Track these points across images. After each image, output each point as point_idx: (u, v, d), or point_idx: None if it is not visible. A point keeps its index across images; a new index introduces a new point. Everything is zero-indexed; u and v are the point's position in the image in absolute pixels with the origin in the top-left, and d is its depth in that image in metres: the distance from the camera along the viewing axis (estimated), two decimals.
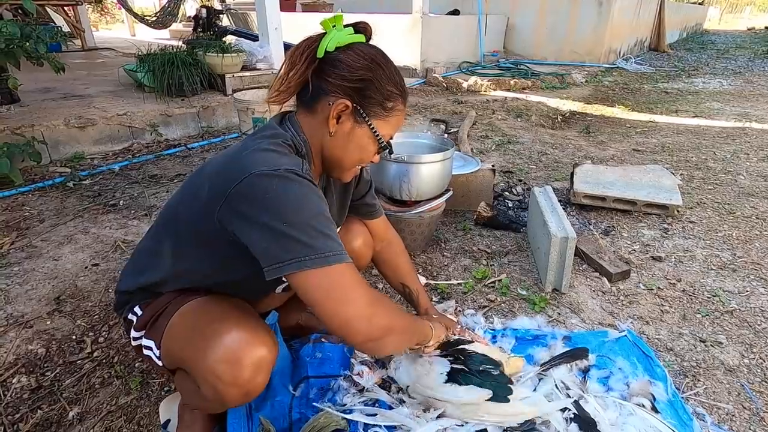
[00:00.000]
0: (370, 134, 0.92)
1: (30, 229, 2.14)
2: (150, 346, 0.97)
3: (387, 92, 0.90)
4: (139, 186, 2.66)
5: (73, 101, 3.58)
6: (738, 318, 1.58)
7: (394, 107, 0.92)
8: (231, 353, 0.83)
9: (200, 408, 1.04)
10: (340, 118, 0.90)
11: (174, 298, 0.96)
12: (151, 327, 0.97)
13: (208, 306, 0.92)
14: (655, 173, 2.54)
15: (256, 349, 0.85)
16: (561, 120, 4.46)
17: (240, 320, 0.88)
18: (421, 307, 1.30)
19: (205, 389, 0.87)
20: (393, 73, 0.91)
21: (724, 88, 6.07)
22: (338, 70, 0.87)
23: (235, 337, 0.84)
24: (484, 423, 1.02)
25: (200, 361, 0.85)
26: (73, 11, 6.92)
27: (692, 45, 11.81)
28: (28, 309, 1.60)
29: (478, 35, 6.77)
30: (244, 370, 0.83)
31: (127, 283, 1.01)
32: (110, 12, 14.64)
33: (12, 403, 1.24)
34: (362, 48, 0.89)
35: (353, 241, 1.23)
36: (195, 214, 0.88)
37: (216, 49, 4.01)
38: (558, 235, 1.62)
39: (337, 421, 1.01)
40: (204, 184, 0.87)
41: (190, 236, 0.92)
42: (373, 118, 0.91)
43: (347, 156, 0.94)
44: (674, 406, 1.15)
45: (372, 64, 0.88)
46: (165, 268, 0.96)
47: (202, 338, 0.86)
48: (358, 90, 0.88)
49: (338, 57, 0.87)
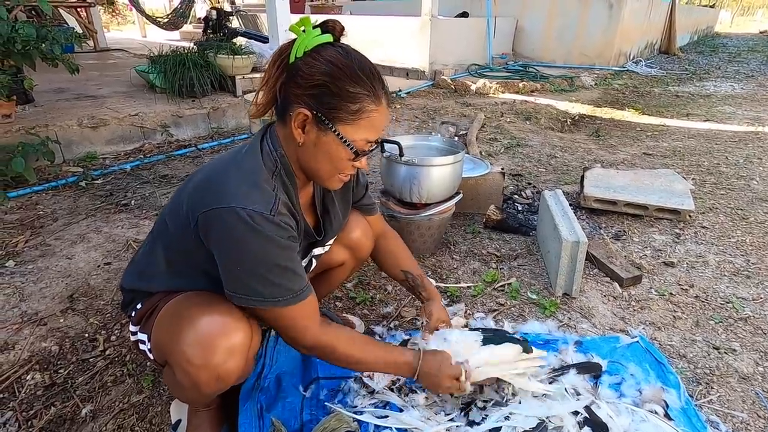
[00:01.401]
0: (338, 141, 0.87)
1: (44, 228, 2.17)
2: (144, 340, 0.99)
3: (349, 95, 0.84)
4: (150, 186, 2.68)
5: (85, 101, 3.62)
6: (752, 325, 1.56)
7: (361, 109, 0.86)
8: (202, 337, 0.85)
9: (184, 400, 1.05)
10: (305, 127, 0.87)
11: (168, 293, 0.97)
12: (145, 322, 0.98)
13: (192, 298, 0.93)
14: (666, 178, 2.52)
15: (229, 333, 0.86)
16: (570, 123, 4.44)
17: (218, 308, 0.88)
18: (426, 291, 1.29)
19: (179, 375, 0.88)
20: (356, 72, 0.85)
21: (735, 91, 6.00)
22: (297, 79, 0.85)
23: (210, 321, 0.86)
24: (516, 380, 1.10)
25: (175, 346, 0.86)
26: (86, 12, 7.01)
27: (703, 48, 11.69)
28: (42, 306, 1.62)
29: (486, 38, 6.75)
30: (215, 354, 0.85)
31: (129, 282, 1.03)
32: (121, 13, 14.81)
33: (26, 400, 1.25)
34: (323, 52, 0.85)
35: (352, 232, 1.24)
36: (177, 227, 0.91)
37: (227, 51, 4.04)
38: (569, 239, 1.61)
39: (348, 422, 1.02)
40: (183, 201, 0.90)
41: (176, 246, 0.94)
42: (338, 124, 0.86)
43: (320, 166, 0.91)
44: (687, 413, 1.14)
45: (329, 67, 0.83)
46: (161, 273, 0.97)
47: (178, 325, 0.87)
48: (314, 97, 0.84)
49: (298, 65, 0.85)
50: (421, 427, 1.03)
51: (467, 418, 1.07)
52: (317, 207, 1.08)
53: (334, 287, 1.43)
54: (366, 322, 1.56)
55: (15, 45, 2.34)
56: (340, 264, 1.29)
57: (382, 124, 0.91)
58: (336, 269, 1.31)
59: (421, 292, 1.30)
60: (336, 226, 1.14)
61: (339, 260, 1.28)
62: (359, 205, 1.26)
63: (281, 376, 1.18)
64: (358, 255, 1.28)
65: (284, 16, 4.33)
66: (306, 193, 1.04)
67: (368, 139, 0.90)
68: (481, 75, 6.13)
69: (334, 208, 1.11)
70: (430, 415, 1.07)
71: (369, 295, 1.70)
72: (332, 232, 1.13)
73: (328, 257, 1.24)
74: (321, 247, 1.13)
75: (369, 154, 0.93)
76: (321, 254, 1.16)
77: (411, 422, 1.04)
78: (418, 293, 1.31)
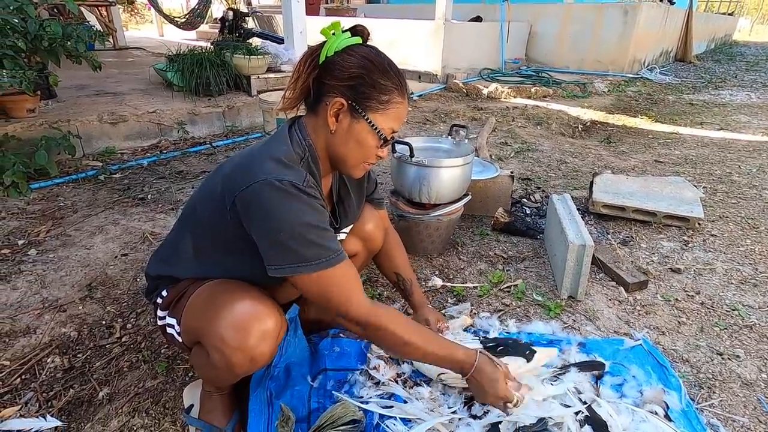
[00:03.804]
0: (369, 128, 0.96)
1: (64, 219, 2.25)
2: (173, 324, 1.04)
3: (381, 86, 0.93)
4: (166, 181, 2.75)
5: (106, 98, 3.72)
6: (757, 333, 1.56)
7: (390, 100, 0.95)
8: (239, 320, 0.90)
9: (211, 381, 1.10)
10: (339, 116, 0.95)
11: (195, 280, 1.03)
12: (174, 306, 1.04)
13: (224, 285, 0.99)
14: (676, 185, 2.52)
15: (263, 319, 0.91)
16: (581, 129, 4.44)
17: (251, 294, 0.94)
18: (413, 298, 1.37)
19: (213, 355, 0.93)
20: (387, 68, 0.95)
21: (752, 100, 5.93)
22: (333, 72, 0.93)
23: (245, 306, 0.91)
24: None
25: (211, 328, 0.91)
26: (107, 11, 7.17)
27: (720, 56, 11.55)
28: (62, 294, 1.69)
29: (500, 42, 6.77)
30: (250, 337, 0.90)
31: (154, 269, 1.09)
32: (140, 12, 15.09)
33: (46, 382, 1.31)
34: (356, 48, 0.94)
35: (366, 225, 1.30)
36: (211, 211, 0.96)
37: (243, 51, 4.12)
38: (575, 242, 1.63)
39: (354, 411, 1.05)
40: (218, 184, 0.96)
41: (207, 233, 0.99)
42: (369, 113, 0.94)
43: (350, 152, 0.99)
44: (688, 415, 1.16)
45: (363, 62, 0.93)
46: (188, 259, 1.03)
47: (214, 308, 0.93)
48: (351, 87, 0.93)
49: (333, 60, 0.93)
50: (425, 417, 1.06)
51: (470, 411, 1.10)
52: (334, 197, 1.15)
53: None
54: None
55: (42, 42, 2.42)
56: (353, 255, 1.34)
57: (404, 116, 1.01)
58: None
59: (410, 297, 1.38)
60: (351, 216, 1.21)
61: (352, 251, 1.33)
62: (370, 198, 1.33)
63: (290, 366, 1.22)
64: (370, 246, 1.34)
65: (299, 18, 4.41)
66: (326, 183, 1.11)
67: (393, 128, 0.99)
68: (494, 79, 6.15)
69: (349, 199, 1.18)
70: (434, 407, 1.10)
71: (377, 292, 1.74)
72: (347, 221, 1.20)
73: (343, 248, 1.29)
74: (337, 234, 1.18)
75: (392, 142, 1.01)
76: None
77: (415, 413, 1.07)
78: (407, 297, 1.39)
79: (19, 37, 2.30)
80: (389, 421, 1.07)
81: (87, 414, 1.21)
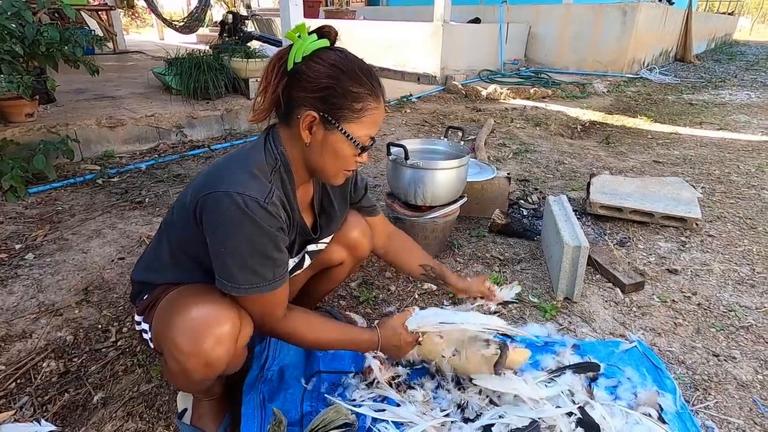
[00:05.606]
0: (344, 138, 0.93)
1: (62, 223, 2.25)
2: (146, 330, 1.04)
3: (353, 94, 0.90)
4: (164, 185, 2.76)
5: (104, 102, 3.73)
6: (754, 334, 1.56)
7: (364, 107, 0.92)
8: (192, 325, 0.89)
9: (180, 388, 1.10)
10: (312, 128, 0.92)
11: (170, 286, 1.01)
12: (149, 312, 1.03)
13: (189, 290, 0.97)
14: (674, 185, 2.52)
15: (220, 323, 0.90)
16: (580, 130, 4.44)
17: (209, 298, 0.92)
18: (450, 280, 1.36)
19: (169, 362, 0.92)
20: (357, 73, 0.91)
21: (752, 100, 5.92)
22: (302, 83, 0.90)
23: (200, 311, 0.90)
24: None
25: (167, 333, 0.90)
26: (107, 15, 7.22)
27: (720, 56, 11.53)
28: (58, 298, 1.69)
29: (498, 43, 6.77)
30: (204, 341, 0.88)
31: (137, 274, 1.09)
32: (141, 16, 15.16)
33: (42, 386, 1.31)
34: (324, 55, 0.90)
35: (351, 232, 1.28)
36: (181, 216, 0.97)
37: (241, 54, 4.13)
38: (570, 244, 1.63)
39: (346, 414, 1.05)
40: (190, 191, 0.96)
41: (180, 237, 0.99)
42: (343, 123, 0.92)
43: (327, 162, 0.97)
44: (682, 417, 1.15)
45: (332, 70, 0.89)
46: (165, 265, 1.03)
47: (172, 314, 0.92)
48: (322, 99, 0.90)
49: (301, 69, 0.89)
50: (417, 421, 1.06)
51: (462, 414, 1.10)
52: (315, 207, 1.14)
53: (335, 286, 1.47)
54: (369, 320, 1.59)
55: (39, 47, 2.44)
56: (339, 263, 1.33)
57: (381, 120, 0.98)
58: (335, 268, 1.35)
59: (447, 280, 1.36)
60: (333, 226, 1.19)
61: (338, 259, 1.32)
62: (359, 206, 1.30)
63: (284, 368, 1.22)
64: (357, 254, 1.32)
65: (298, 21, 4.41)
66: (306, 192, 1.09)
67: (370, 134, 0.97)
68: (493, 81, 6.15)
69: (332, 209, 1.16)
70: (426, 410, 1.10)
71: (372, 295, 1.74)
72: (328, 231, 1.19)
73: (328, 256, 1.28)
74: (315, 244, 1.17)
75: (370, 148, 0.99)
76: (316, 251, 1.20)
77: (407, 416, 1.07)
78: (444, 283, 1.37)
79: (16, 42, 2.31)
80: (381, 424, 1.07)
81: (81, 418, 1.21)
